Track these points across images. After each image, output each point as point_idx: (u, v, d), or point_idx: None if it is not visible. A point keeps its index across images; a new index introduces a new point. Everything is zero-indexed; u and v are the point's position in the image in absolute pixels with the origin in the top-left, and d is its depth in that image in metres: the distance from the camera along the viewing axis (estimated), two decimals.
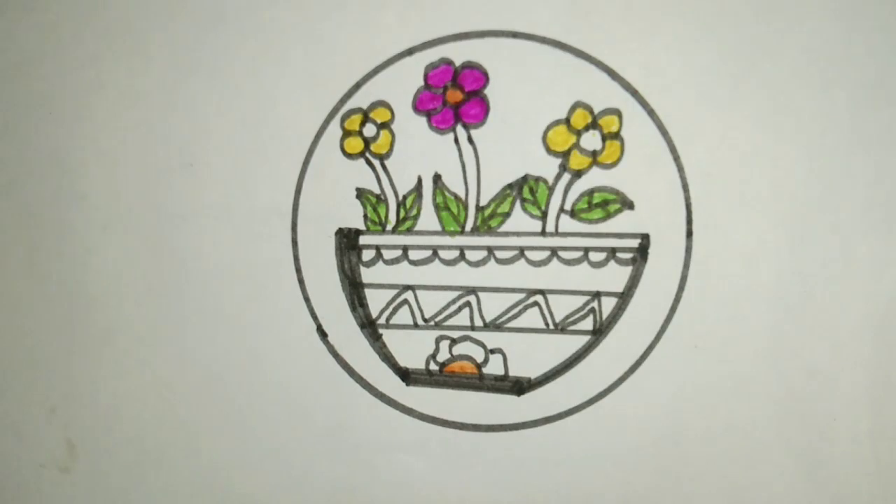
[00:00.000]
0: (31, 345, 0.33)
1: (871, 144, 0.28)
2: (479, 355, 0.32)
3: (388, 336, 0.32)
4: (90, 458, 0.34)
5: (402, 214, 0.31)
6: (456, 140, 0.30)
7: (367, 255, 0.31)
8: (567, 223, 0.30)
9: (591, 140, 0.30)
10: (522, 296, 0.31)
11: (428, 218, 0.31)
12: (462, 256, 0.31)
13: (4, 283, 0.33)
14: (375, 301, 0.32)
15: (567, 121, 0.30)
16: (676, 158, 0.29)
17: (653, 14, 0.29)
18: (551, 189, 0.30)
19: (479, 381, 0.32)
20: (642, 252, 0.30)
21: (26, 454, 0.34)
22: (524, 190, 0.30)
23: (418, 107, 0.30)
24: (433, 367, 0.32)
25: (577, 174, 0.30)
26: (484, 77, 0.30)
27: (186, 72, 0.30)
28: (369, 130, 0.31)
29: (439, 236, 0.31)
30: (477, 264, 0.31)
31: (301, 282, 0.32)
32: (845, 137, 0.28)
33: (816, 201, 0.29)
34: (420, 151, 0.31)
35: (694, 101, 0.29)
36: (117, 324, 0.33)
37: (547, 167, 0.30)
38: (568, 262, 0.30)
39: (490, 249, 0.31)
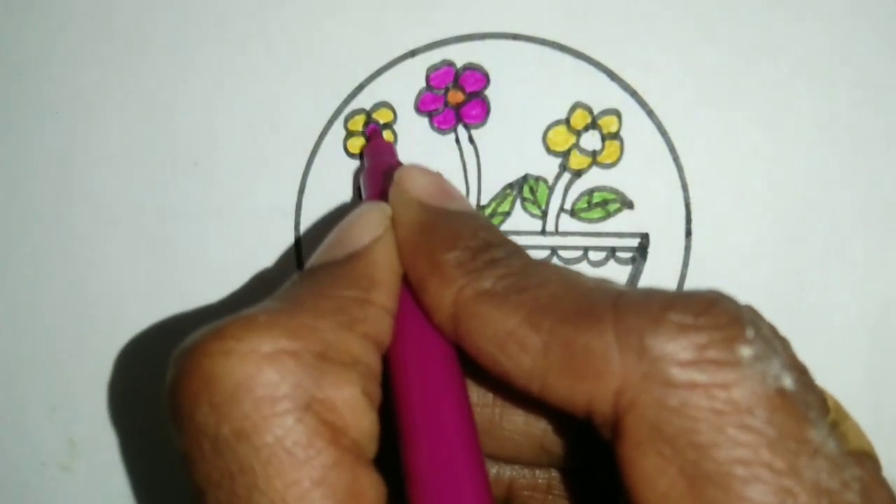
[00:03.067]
0: (33, 342, 0.33)
1: (871, 145, 0.29)
2: None
3: None
4: (92, 456, 0.34)
5: None
6: (457, 140, 0.30)
7: None
8: (567, 222, 0.30)
9: (591, 140, 0.30)
10: None
11: None
12: None
13: (7, 282, 0.33)
14: None
15: (567, 121, 0.30)
16: (676, 158, 0.29)
17: (652, 15, 0.29)
18: (551, 189, 0.30)
19: None
20: (642, 251, 0.30)
21: (27, 452, 0.34)
22: (524, 189, 0.30)
23: (420, 108, 0.31)
24: None
25: (577, 174, 0.30)
26: (485, 78, 0.30)
27: (191, 72, 0.31)
28: None
29: None
30: None
31: None
32: (845, 137, 0.29)
33: (815, 201, 0.29)
34: (422, 152, 0.31)
35: (693, 102, 0.29)
36: (120, 322, 0.33)
37: (547, 167, 0.30)
38: (568, 262, 0.31)
39: None
